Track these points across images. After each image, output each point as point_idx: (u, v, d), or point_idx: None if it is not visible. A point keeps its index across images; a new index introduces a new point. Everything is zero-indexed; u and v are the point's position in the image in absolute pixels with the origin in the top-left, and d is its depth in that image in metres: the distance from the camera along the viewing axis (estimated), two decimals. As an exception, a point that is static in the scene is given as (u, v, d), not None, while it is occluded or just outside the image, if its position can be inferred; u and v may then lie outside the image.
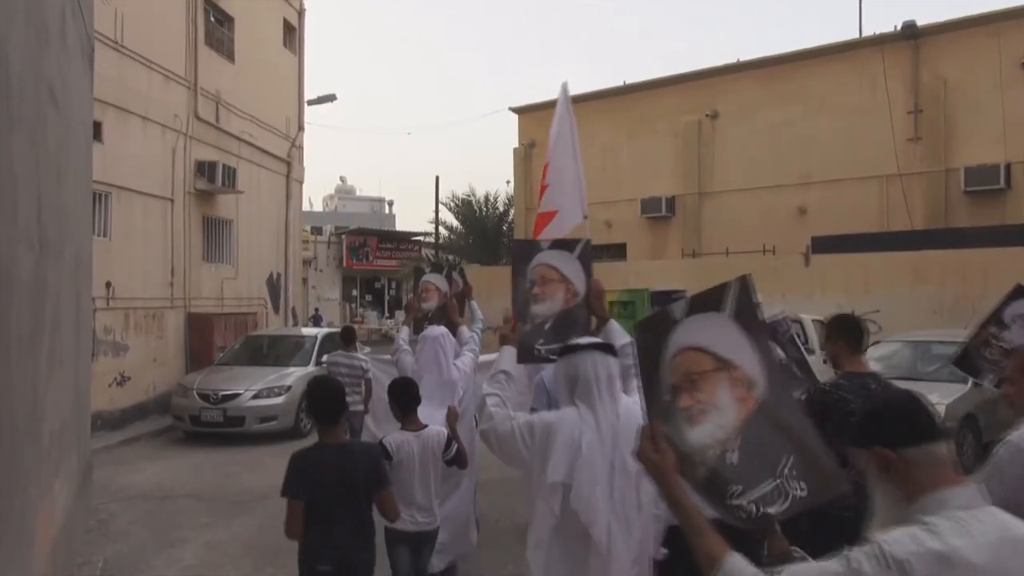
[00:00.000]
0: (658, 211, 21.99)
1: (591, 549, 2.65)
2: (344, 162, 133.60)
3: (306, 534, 3.41)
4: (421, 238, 35.28)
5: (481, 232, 29.43)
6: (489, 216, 29.90)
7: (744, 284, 1.98)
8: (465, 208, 30.09)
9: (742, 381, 1.93)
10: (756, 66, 20.74)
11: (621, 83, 23.58)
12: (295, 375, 11.40)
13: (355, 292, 35.24)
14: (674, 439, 1.85)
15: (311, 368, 11.48)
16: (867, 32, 20.05)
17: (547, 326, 3.52)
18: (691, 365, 1.96)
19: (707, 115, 21.31)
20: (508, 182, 27.74)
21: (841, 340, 3.80)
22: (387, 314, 34.27)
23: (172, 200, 13.45)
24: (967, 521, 1.51)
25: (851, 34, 21.66)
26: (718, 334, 1.97)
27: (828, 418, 3.33)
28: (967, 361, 4.36)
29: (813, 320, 12.90)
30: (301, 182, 19.39)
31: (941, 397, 7.72)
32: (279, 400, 11.03)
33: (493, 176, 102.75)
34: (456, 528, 5.12)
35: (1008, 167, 16.76)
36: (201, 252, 14.60)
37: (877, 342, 10.55)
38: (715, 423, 1.89)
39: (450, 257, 28.82)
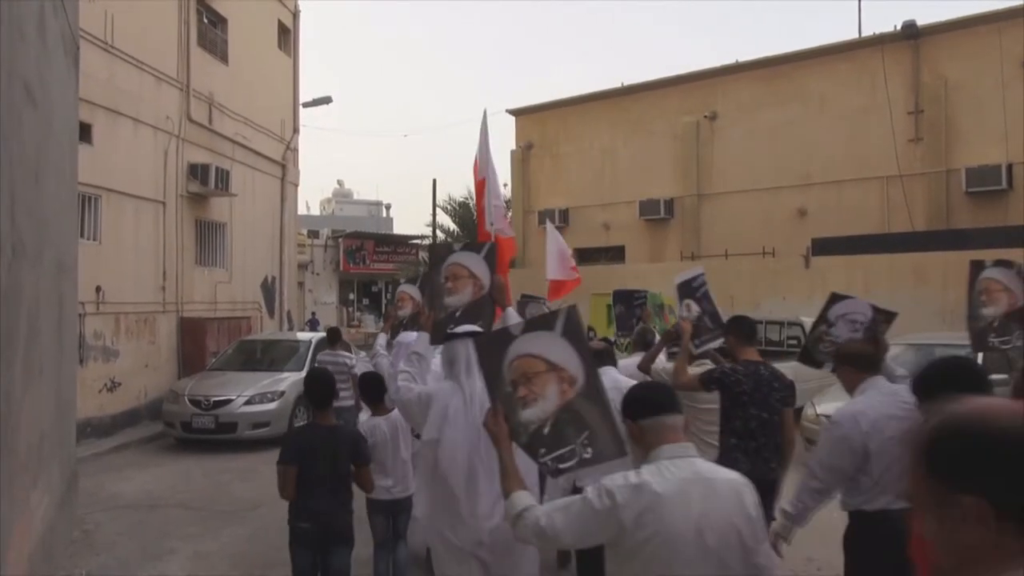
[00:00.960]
0: (657, 213, 21.83)
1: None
2: (342, 166, 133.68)
3: (295, 497, 4.08)
4: (418, 241, 35.06)
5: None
6: (486, 219, 29.68)
7: (572, 312, 2.74)
8: (462, 211, 29.91)
9: (566, 379, 2.67)
10: (755, 66, 20.58)
11: (619, 84, 23.46)
12: (289, 380, 11.19)
13: (352, 296, 34.99)
14: (510, 416, 2.66)
15: (305, 373, 11.26)
16: (867, 32, 19.95)
17: (458, 314, 4.23)
18: (527, 367, 2.69)
19: (706, 116, 21.16)
20: (505, 185, 27.56)
21: (731, 335, 4.67)
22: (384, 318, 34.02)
23: (164, 203, 13.25)
24: (666, 466, 2.24)
25: (851, 34, 21.53)
26: (550, 346, 2.70)
27: (725, 394, 4.36)
28: (808, 357, 5.08)
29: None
30: (296, 185, 19.19)
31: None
32: (272, 406, 10.83)
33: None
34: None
35: (1010, 167, 16.62)
36: (194, 255, 14.39)
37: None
38: (540, 408, 2.66)
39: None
